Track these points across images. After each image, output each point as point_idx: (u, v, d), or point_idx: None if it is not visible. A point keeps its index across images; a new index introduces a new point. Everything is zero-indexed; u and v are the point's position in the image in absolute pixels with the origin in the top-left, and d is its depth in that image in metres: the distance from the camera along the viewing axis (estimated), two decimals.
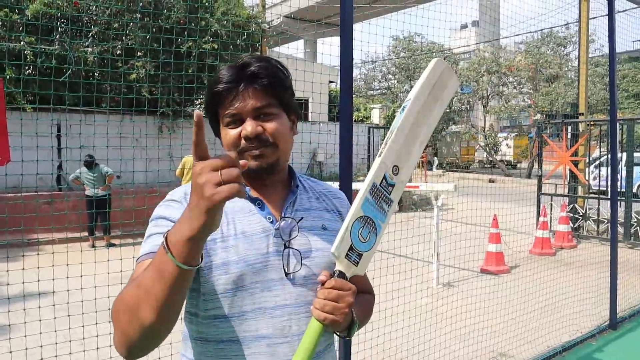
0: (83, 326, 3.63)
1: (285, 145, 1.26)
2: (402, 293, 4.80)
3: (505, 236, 7.76)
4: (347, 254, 1.19)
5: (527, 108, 28.12)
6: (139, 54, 9.95)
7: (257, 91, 1.21)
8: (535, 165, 11.47)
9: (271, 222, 1.24)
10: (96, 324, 3.73)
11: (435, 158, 27.35)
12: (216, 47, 9.79)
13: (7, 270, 3.52)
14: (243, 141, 1.21)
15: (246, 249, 1.18)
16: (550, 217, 9.58)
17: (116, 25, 9.86)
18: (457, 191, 6.61)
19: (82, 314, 3.66)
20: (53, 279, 3.45)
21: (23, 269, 3.60)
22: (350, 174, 2.64)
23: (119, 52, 9.95)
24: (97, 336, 3.71)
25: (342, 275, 1.18)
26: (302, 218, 1.28)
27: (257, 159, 1.22)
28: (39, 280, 3.60)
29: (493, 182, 20.80)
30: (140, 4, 9.73)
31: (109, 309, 3.12)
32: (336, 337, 1.36)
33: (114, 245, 8.90)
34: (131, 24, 9.69)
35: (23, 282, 3.51)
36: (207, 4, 10.21)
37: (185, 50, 9.45)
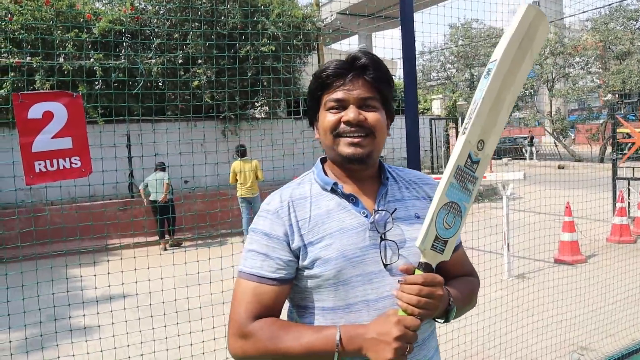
0: (165, 326, 3.82)
1: (381, 138, 1.30)
2: None
3: (580, 224, 7.43)
4: (432, 245, 1.18)
5: (596, 88, 26.73)
6: (200, 61, 10.25)
7: (366, 82, 1.27)
8: (609, 149, 10.88)
9: (366, 216, 1.27)
10: (177, 324, 3.91)
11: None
12: (274, 48, 9.93)
13: (95, 275, 3.73)
14: (342, 125, 1.26)
15: (344, 244, 1.23)
16: (628, 203, 9.08)
17: (177, 35, 10.19)
18: (526, 179, 6.37)
19: (164, 314, 3.85)
20: (136, 282, 3.63)
21: (108, 273, 3.80)
22: (419, 168, 2.61)
23: (180, 61, 10.28)
24: (178, 335, 3.89)
25: (428, 267, 1.19)
26: (395, 209, 1.30)
27: (354, 146, 1.26)
28: (122, 284, 3.82)
29: (562, 168, 19.94)
30: (199, 12, 10.01)
31: (188, 309, 3.24)
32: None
33: (178, 245, 9.26)
34: (191, 32, 10.00)
35: (109, 286, 3.71)
36: (262, 7, 10.37)
37: (244, 54, 9.64)
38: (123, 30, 9.93)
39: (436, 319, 1.32)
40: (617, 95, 20.46)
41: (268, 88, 10.41)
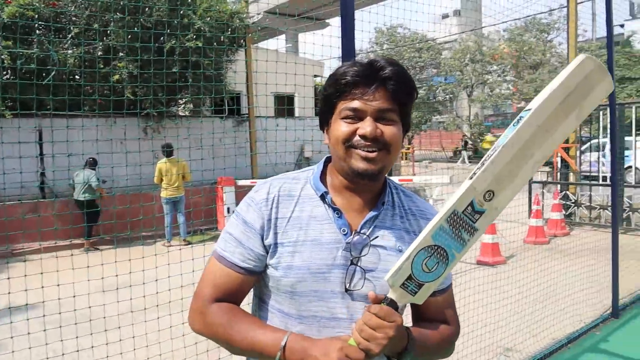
0: (77, 337, 3.50)
1: (395, 154, 1.23)
2: None
3: (500, 226, 7.72)
4: (403, 284, 1.11)
5: (511, 96, 28.23)
6: (121, 53, 9.72)
7: (386, 94, 1.18)
8: None
9: (345, 234, 1.22)
10: (91, 334, 3.61)
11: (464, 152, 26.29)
12: (200, 44, 9.59)
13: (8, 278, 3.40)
14: (357, 137, 1.17)
15: (312, 257, 1.19)
16: (543, 205, 9.57)
17: (96, 25, 9.60)
18: (452, 183, 6.53)
19: (75, 324, 3.55)
20: (42, 287, 3.31)
21: (8, 278, 3.46)
22: None
23: (100, 52, 9.70)
24: (92, 347, 3.60)
25: (392, 304, 1.11)
26: (377, 237, 1.23)
27: (367, 161, 1.18)
28: (26, 290, 3.47)
29: None
30: (121, 2, 9.50)
31: (104, 317, 2.97)
32: None
33: (95, 250, 8.76)
34: (112, 22, 9.46)
35: (8, 293, 3.38)
36: (189, 0, 10.00)
37: (168, 49, 9.24)
38: (36, 16, 9.19)
39: (389, 358, 1.21)
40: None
41: (194, 84, 10.05)
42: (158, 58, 8.04)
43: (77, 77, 9.59)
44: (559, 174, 10.28)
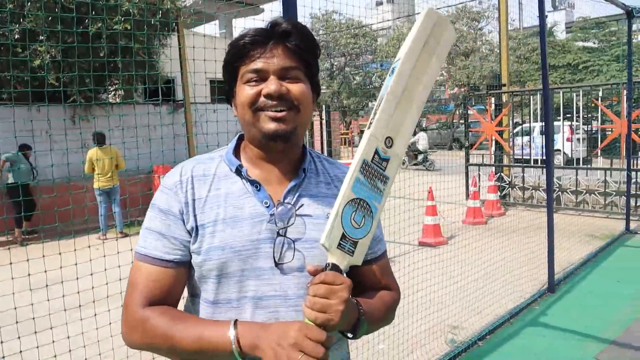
0: (1, 342, 3.21)
1: (306, 114, 1.16)
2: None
3: (440, 208, 7.85)
4: (339, 244, 1.06)
5: (444, 82, 28.92)
6: (42, 37, 9.08)
7: (288, 50, 1.13)
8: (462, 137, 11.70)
9: (267, 207, 1.14)
10: (18, 338, 3.32)
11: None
12: (129, 27, 9.10)
13: None
14: (262, 98, 1.11)
15: (233, 234, 1.11)
16: (479, 187, 9.82)
17: (10, 5, 8.89)
18: None
19: None
20: None
21: None
22: None
23: (17, 36, 9.02)
24: (20, 352, 3.31)
25: (335, 268, 1.05)
26: (302, 205, 1.17)
27: (276, 121, 1.11)
28: None
29: None
30: None
31: (33, 319, 2.72)
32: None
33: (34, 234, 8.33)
34: (29, 2, 8.80)
35: None
36: None
37: (95, 32, 8.71)
38: None
39: (343, 333, 1.16)
40: (465, 89, 22.21)
41: (124, 71, 9.56)
42: (82, 44, 7.54)
43: None
44: (493, 156, 10.57)
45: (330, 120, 13.68)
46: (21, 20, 8.90)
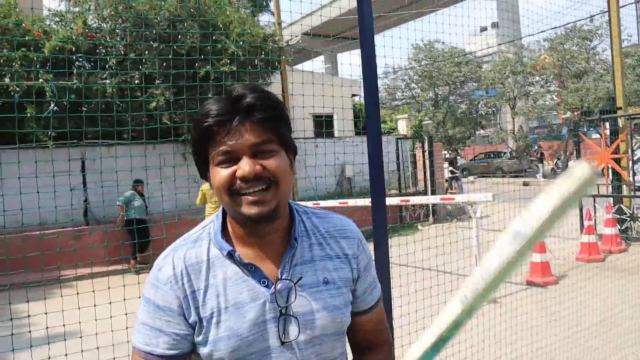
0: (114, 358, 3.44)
1: (286, 186, 1.11)
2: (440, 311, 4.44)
3: (549, 243, 7.32)
4: None
5: (555, 106, 27.37)
6: (157, 81, 9.88)
7: (255, 125, 1.06)
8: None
9: (266, 287, 1.11)
10: (128, 356, 3.55)
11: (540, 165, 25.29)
12: (234, 68, 9.64)
13: (46, 313, 3.42)
14: (238, 182, 1.05)
15: (238, 322, 1.09)
16: (595, 220, 9.06)
17: (132, 54, 9.81)
18: (496, 200, 6.20)
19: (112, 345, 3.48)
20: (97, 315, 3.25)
21: (62, 310, 3.47)
22: (383, 189, 2.34)
23: (137, 81, 9.89)
24: None
25: None
26: (300, 278, 1.13)
27: (257, 204, 1.06)
28: (64, 324, 3.42)
29: (527, 185, 20.14)
30: (154, 31, 9.67)
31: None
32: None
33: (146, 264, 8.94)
34: (147, 51, 9.63)
35: (64, 325, 3.36)
36: (222, 26, 10.09)
37: (203, 74, 9.32)
38: (75, 49, 9.46)
39: None
40: (581, 113, 20.85)
41: None
42: (192, 84, 8.07)
43: (116, 105, 9.77)
44: (610, 186, 9.72)
45: (432, 151, 13.43)
46: (140, 67, 9.74)
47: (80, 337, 3.90)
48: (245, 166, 1.04)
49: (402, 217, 12.63)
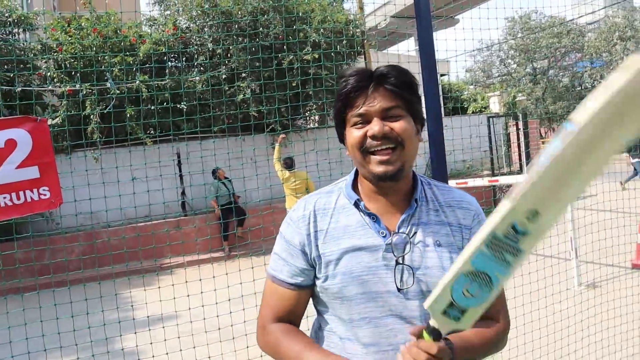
0: (207, 344, 3.65)
1: (411, 148, 1.26)
2: (536, 297, 4.24)
3: None
4: (444, 311, 1.04)
5: None
6: (243, 75, 10.18)
7: (386, 92, 1.23)
8: None
9: (384, 237, 1.26)
10: (220, 341, 3.75)
11: None
12: (317, 57, 9.70)
13: (159, 300, 3.80)
14: (369, 140, 1.23)
15: (353, 262, 1.24)
16: None
17: (219, 51, 10.18)
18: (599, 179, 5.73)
19: (205, 332, 3.70)
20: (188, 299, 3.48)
21: (160, 300, 3.79)
22: (445, 172, 2.28)
23: (224, 76, 10.25)
24: (221, 354, 3.73)
25: (436, 333, 1.07)
26: (415, 233, 1.27)
27: (384, 164, 1.22)
28: (175, 308, 3.69)
29: None
30: (237, 26, 9.97)
31: (232, 325, 3.09)
32: None
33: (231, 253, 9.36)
34: (232, 47, 9.94)
35: (161, 311, 3.70)
36: (303, 15, 10.18)
37: (287, 65, 9.48)
38: (167, 50, 10.00)
39: None
40: None
41: (315, 98, 10.19)
42: (277, 77, 8.27)
43: (207, 100, 10.22)
44: None
45: (528, 130, 12.73)
46: (226, 62, 10.11)
47: (175, 312, 4.17)
48: (375, 126, 1.21)
49: (496, 201, 12.12)
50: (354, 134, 1.25)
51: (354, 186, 1.35)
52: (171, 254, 8.97)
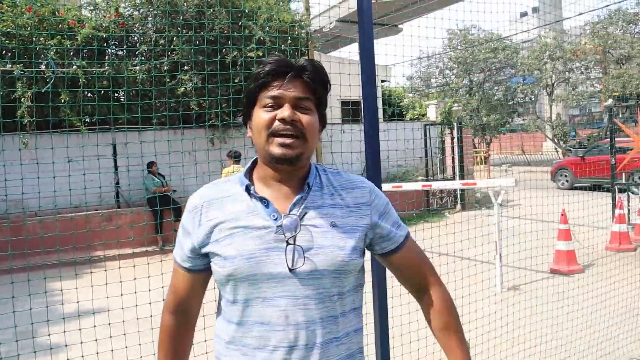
0: (140, 345, 3.58)
1: (312, 141, 1.32)
2: (464, 301, 4.44)
3: (578, 232, 7.15)
4: None
5: (596, 93, 26.47)
6: (186, 67, 10.02)
7: (303, 83, 1.30)
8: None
9: (275, 219, 1.29)
10: (153, 342, 3.66)
11: None
12: (261, 54, 9.69)
13: (76, 288, 3.67)
14: (277, 123, 1.27)
15: (245, 245, 1.27)
16: (628, 209, 8.79)
17: (162, 41, 9.97)
18: (518, 186, 6.10)
19: (137, 331, 3.63)
20: (120, 295, 3.38)
21: (92, 285, 3.70)
22: (379, 175, 2.35)
23: (166, 67, 10.05)
24: (154, 354, 3.64)
25: None
26: (305, 214, 1.30)
27: (284, 147, 1.27)
28: (107, 297, 3.64)
29: None
30: (182, 17, 9.80)
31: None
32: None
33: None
34: (175, 38, 9.77)
35: (92, 299, 3.67)
36: (249, 12, 10.14)
37: (231, 60, 9.41)
38: (107, 36, 9.69)
39: None
40: (616, 99, 20.19)
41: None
42: (220, 72, 8.17)
43: (146, 92, 9.98)
44: None
45: (462, 137, 13.23)
46: (169, 53, 9.91)
47: (108, 309, 4.06)
48: (286, 111, 1.27)
49: (429, 204, 12.51)
50: (263, 115, 1.29)
51: (250, 174, 1.40)
52: (105, 248, 8.70)
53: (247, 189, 1.34)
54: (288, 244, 1.27)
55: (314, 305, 1.26)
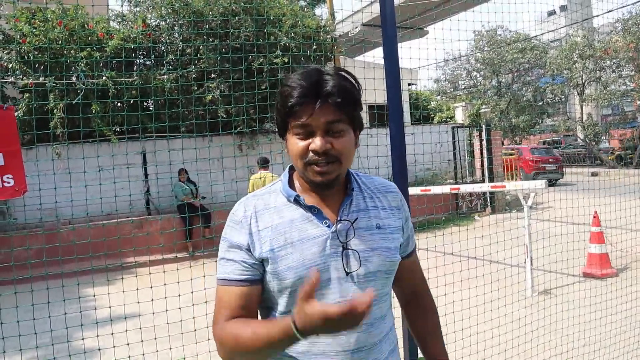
0: (170, 349, 3.64)
1: (348, 162, 1.33)
2: (494, 305, 4.37)
3: (611, 235, 6.97)
4: None
5: (629, 92, 25.76)
6: (212, 75, 10.16)
7: (330, 107, 1.26)
8: None
9: (328, 226, 1.32)
10: (183, 346, 3.74)
11: None
12: (287, 60, 9.76)
13: (109, 293, 3.73)
14: (310, 154, 1.28)
15: (304, 254, 1.29)
16: None
17: (189, 50, 10.13)
18: (547, 188, 5.98)
19: (168, 335, 3.68)
20: (138, 302, 3.45)
21: (123, 291, 3.84)
22: (405, 179, 2.34)
23: (194, 76, 10.20)
24: (184, 358, 3.71)
25: None
26: (356, 218, 1.34)
27: (321, 175, 1.29)
28: (138, 302, 3.73)
29: (596, 175, 19.19)
30: (208, 26, 9.94)
31: (195, 330, 3.08)
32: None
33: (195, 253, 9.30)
34: (202, 47, 9.91)
35: (124, 304, 3.76)
36: (274, 18, 10.23)
37: (257, 67, 9.50)
38: (135, 47, 9.90)
39: None
40: None
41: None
42: (246, 79, 8.26)
43: (175, 100, 10.14)
44: None
45: (490, 140, 13.05)
46: (196, 62, 10.06)
47: (139, 314, 4.14)
48: (318, 142, 1.26)
49: (459, 207, 12.38)
50: (297, 144, 1.29)
51: (290, 185, 1.40)
52: (135, 254, 8.85)
53: (296, 200, 1.35)
54: (344, 248, 1.31)
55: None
